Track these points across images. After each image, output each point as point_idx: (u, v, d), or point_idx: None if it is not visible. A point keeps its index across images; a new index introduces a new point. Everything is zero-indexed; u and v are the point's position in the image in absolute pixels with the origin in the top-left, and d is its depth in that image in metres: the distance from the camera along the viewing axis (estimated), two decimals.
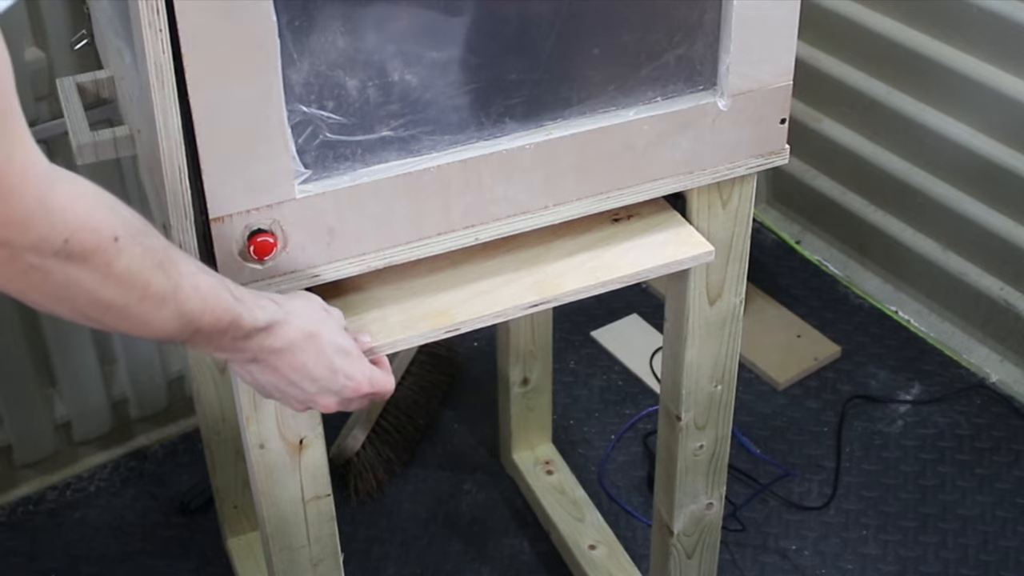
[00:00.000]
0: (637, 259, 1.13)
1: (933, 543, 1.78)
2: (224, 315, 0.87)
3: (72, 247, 0.75)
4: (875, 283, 2.23)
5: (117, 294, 0.79)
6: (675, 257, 1.14)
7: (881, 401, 2.01)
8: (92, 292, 0.78)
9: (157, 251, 0.82)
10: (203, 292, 0.86)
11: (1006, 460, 1.90)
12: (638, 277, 1.13)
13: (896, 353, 2.10)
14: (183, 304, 0.84)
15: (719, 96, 1.09)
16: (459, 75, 1.00)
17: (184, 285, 0.84)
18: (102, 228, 0.77)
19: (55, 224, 0.73)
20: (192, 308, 0.85)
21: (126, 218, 0.79)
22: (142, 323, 0.83)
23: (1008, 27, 1.91)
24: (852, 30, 2.15)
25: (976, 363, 2.07)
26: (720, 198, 1.17)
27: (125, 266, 0.78)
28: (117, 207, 0.79)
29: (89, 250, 0.76)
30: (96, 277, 0.77)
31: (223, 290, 0.88)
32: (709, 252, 1.14)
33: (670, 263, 1.14)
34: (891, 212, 2.19)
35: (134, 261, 0.79)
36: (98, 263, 0.77)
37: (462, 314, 1.08)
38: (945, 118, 2.05)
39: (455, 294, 1.09)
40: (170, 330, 0.85)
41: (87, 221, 0.75)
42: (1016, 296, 2.02)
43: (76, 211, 0.75)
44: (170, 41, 0.86)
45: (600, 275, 1.11)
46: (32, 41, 1.56)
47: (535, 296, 1.09)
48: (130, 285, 0.80)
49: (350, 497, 1.82)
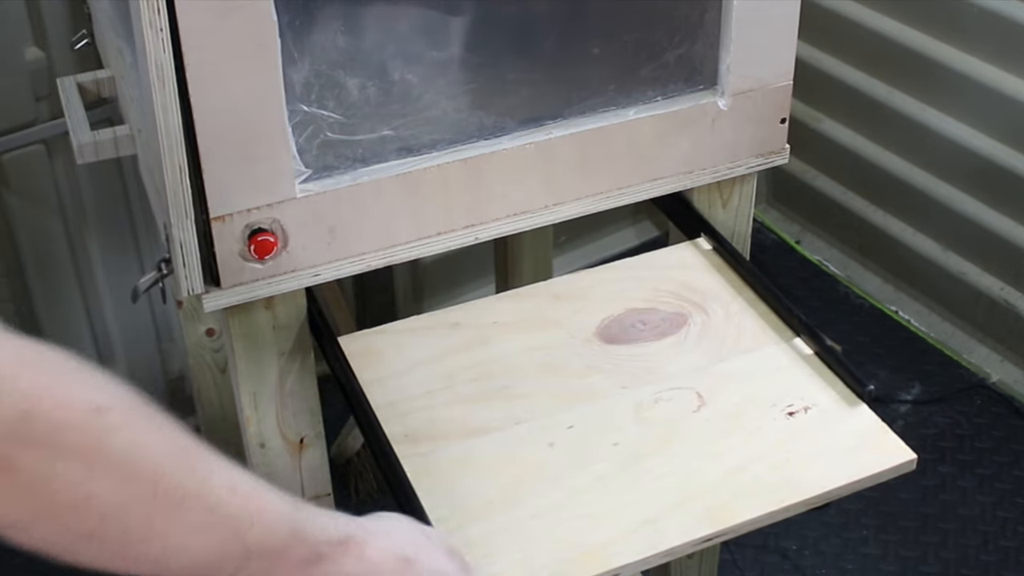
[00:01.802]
0: (827, 473, 0.94)
1: (933, 543, 1.78)
2: (280, 524, 0.65)
3: (33, 426, 0.54)
4: (875, 283, 2.23)
5: (112, 489, 0.57)
6: (873, 469, 0.94)
7: (881, 401, 2.01)
8: (73, 490, 0.56)
9: (177, 435, 0.61)
10: (245, 493, 0.63)
11: (1006, 460, 1.90)
12: (828, 497, 0.94)
13: (896, 353, 2.10)
14: (217, 507, 0.61)
15: (719, 96, 1.09)
16: (459, 74, 1.00)
17: (216, 482, 0.62)
18: (73, 398, 0.56)
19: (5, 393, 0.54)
20: (231, 513, 0.62)
21: (118, 390, 0.59)
22: (159, 536, 0.59)
23: (1008, 27, 1.91)
24: (852, 30, 2.15)
25: (976, 363, 2.07)
26: (720, 198, 1.17)
27: (121, 449, 0.57)
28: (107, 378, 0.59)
29: (58, 430, 0.55)
30: (77, 467, 0.56)
31: (272, 493, 0.66)
32: (911, 461, 0.95)
33: (866, 477, 0.94)
34: (891, 212, 2.19)
35: (135, 442, 0.58)
36: (78, 446, 0.56)
37: (622, 553, 0.88)
38: (945, 118, 2.05)
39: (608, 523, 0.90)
40: (203, 548, 0.61)
41: (51, 389, 0.55)
42: (1016, 296, 2.02)
43: (31, 377, 0.55)
44: (170, 40, 0.86)
45: (783, 497, 0.93)
46: (32, 41, 1.57)
47: (708, 528, 0.90)
48: (131, 476, 0.58)
49: (350, 497, 1.83)
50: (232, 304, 0.99)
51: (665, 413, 0.99)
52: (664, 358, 1.05)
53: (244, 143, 0.92)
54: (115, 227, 1.73)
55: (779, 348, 1.06)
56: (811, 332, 1.05)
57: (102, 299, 1.77)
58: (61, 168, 1.65)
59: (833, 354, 1.03)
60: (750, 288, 1.11)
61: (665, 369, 1.04)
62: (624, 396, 1.01)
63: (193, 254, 0.95)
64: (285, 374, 1.05)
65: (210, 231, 0.95)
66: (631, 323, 1.08)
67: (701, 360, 1.04)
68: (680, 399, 1.01)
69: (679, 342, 1.06)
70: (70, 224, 1.69)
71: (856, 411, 0.98)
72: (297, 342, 1.04)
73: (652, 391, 1.01)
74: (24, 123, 1.59)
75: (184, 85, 0.88)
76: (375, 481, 1.83)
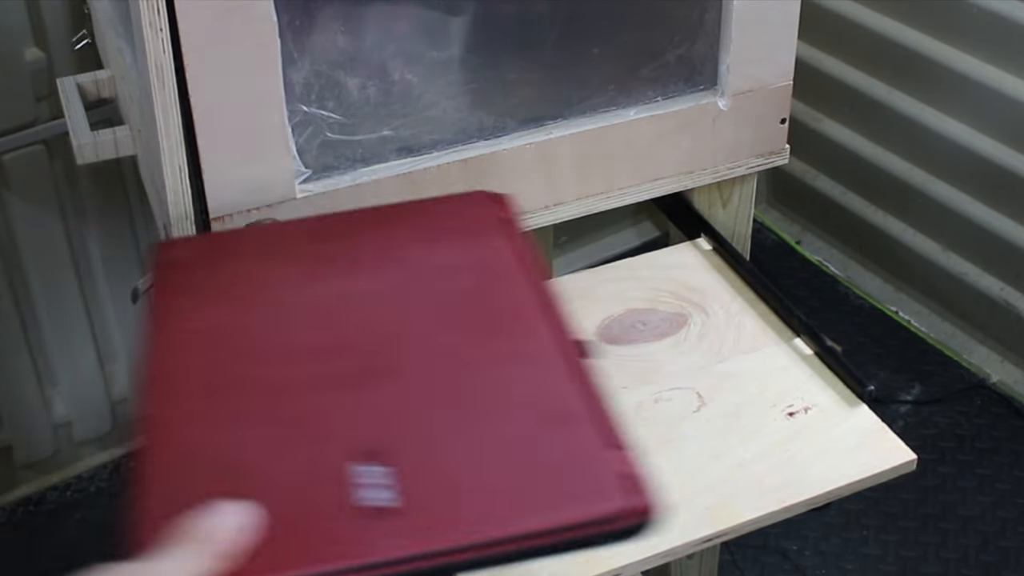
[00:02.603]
0: (827, 473, 0.94)
1: (933, 543, 1.78)
2: None
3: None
4: (875, 283, 2.23)
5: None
6: (873, 470, 0.94)
7: (881, 401, 2.01)
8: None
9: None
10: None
11: (1006, 460, 1.90)
12: (829, 497, 0.94)
13: (896, 353, 2.10)
14: None
15: (719, 96, 1.09)
16: (459, 75, 1.00)
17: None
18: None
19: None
20: None
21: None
22: None
23: (1008, 27, 1.91)
24: (852, 30, 2.15)
25: (976, 363, 2.07)
26: (720, 198, 1.17)
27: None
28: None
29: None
30: None
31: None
32: (911, 462, 0.95)
33: (866, 477, 0.94)
34: (891, 212, 2.19)
35: None
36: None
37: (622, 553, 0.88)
38: (945, 118, 2.05)
39: None
40: None
41: None
42: (1016, 296, 2.02)
43: None
44: (170, 41, 0.86)
45: (784, 497, 0.93)
46: (32, 41, 1.57)
47: (708, 528, 0.90)
48: None
49: None
50: None
51: (665, 413, 0.99)
52: (664, 358, 1.05)
53: (244, 143, 0.92)
54: (115, 227, 1.73)
55: (779, 348, 1.06)
56: (811, 332, 1.05)
57: (102, 299, 1.78)
58: (61, 168, 1.65)
59: (833, 354, 1.03)
60: (750, 288, 1.11)
61: (665, 369, 1.04)
62: (624, 396, 1.01)
63: None
64: None
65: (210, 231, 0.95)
66: (631, 323, 1.08)
67: (701, 360, 1.05)
68: (680, 399, 1.01)
69: (679, 342, 1.06)
70: (70, 224, 1.69)
71: (856, 411, 0.98)
72: None
73: (652, 391, 1.01)
74: (24, 123, 1.59)
75: (184, 85, 0.88)
76: None
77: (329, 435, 0.77)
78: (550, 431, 0.77)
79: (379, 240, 0.91)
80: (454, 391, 0.81)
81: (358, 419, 0.78)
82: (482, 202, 0.98)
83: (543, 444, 0.76)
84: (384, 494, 0.71)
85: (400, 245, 0.91)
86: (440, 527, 0.70)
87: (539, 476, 0.74)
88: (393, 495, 0.71)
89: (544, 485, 0.73)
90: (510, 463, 0.75)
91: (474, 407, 0.80)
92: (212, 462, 0.74)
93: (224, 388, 0.79)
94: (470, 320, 0.87)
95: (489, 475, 0.74)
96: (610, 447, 0.75)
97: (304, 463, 0.74)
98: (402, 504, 0.70)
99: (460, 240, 0.93)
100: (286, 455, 0.75)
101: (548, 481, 0.73)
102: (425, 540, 0.68)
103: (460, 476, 0.74)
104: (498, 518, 0.70)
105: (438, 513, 0.70)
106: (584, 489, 0.72)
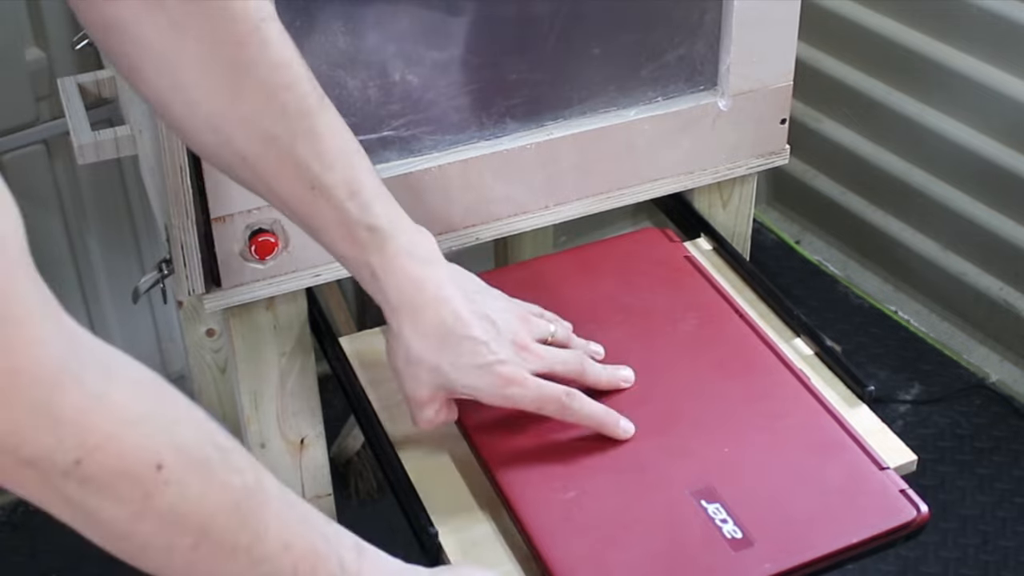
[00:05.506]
0: None
1: (933, 543, 1.78)
2: None
3: (86, 470, 0.56)
4: (875, 283, 2.23)
5: (156, 533, 0.60)
6: None
7: (881, 401, 2.01)
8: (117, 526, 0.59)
9: (235, 489, 0.62)
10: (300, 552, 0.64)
11: (1006, 460, 1.90)
12: None
13: (896, 353, 2.10)
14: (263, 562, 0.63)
15: (720, 96, 1.09)
16: (460, 75, 1.00)
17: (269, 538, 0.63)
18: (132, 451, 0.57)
19: (63, 439, 0.55)
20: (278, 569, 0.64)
21: (186, 440, 0.60)
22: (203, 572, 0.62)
23: (1008, 27, 1.91)
24: (852, 30, 2.15)
25: (976, 363, 2.07)
26: (720, 198, 1.17)
27: (171, 504, 0.59)
28: (177, 424, 0.60)
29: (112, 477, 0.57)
30: (123, 512, 0.58)
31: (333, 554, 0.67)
32: (911, 462, 0.96)
33: None
34: (891, 212, 2.19)
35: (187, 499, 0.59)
36: (128, 495, 0.58)
37: None
38: (945, 118, 2.05)
39: None
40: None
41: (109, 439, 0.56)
42: (1016, 296, 2.02)
43: (92, 425, 0.56)
44: None
45: None
46: (32, 41, 1.57)
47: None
48: (177, 527, 0.60)
49: (351, 497, 1.82)
50: (233, 304, 0.99)
51: None
52: None
53: None
54: (115, 227, 1.73)
55: None
56: (811, 332, 1.05)
57: (102, 299, 1.78)
58: (61, 168, 1.65)
59: (833, 354, 1.04)
60: (750, 288, 1.11)
61: None
62: None
63: (194, 254, 0.95)
64: (286, 374, 1.05)
65: (211, 231, 0.95)
66: None
67: None
68: None
69: None
70: (70, 224, 1.69)
71: (856, 411, 0.98)
72: (298, 342, 1.04)
73: None
74: (24, 123, 1.59)
75: None
76: (375, 481, 1.83)
77: (667, 478, 0.87)
78: (830, 459, 0.90)
79: (585, 288, 1.03)
80: (735, 429, 0.92)
81: (681, 461, 0.88)
82: (660, 240, 1.11)
83: (829, 471, 0.89)
84: (730, 526, 0.84)
85: (613, 294, 1.02)
86: (789, 550, 0.82)
87: (840, 498, 0.87)
88: (735, 527, 0.83)
89: (848, 505, 0.86)
90: (810, 489, 0.87)
91: (758, 443, 0.91)
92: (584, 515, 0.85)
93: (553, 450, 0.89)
94: (715, 361, 0.97)
95: (799, 502, 0.86)
96: (880, 467, 0.89)
97: (663, 505, 0.85)
98: (743, 534, 0.83)
99: (663, 282, 1.05)
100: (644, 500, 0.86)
101: (849, 502, 0.87)
102: (782, 563, 0.82)
103: (777, 505, 0.86)
104: (825, 536, 0.83)
105: (780, 539, 0.83)
106: (881, 505, 0.87)
